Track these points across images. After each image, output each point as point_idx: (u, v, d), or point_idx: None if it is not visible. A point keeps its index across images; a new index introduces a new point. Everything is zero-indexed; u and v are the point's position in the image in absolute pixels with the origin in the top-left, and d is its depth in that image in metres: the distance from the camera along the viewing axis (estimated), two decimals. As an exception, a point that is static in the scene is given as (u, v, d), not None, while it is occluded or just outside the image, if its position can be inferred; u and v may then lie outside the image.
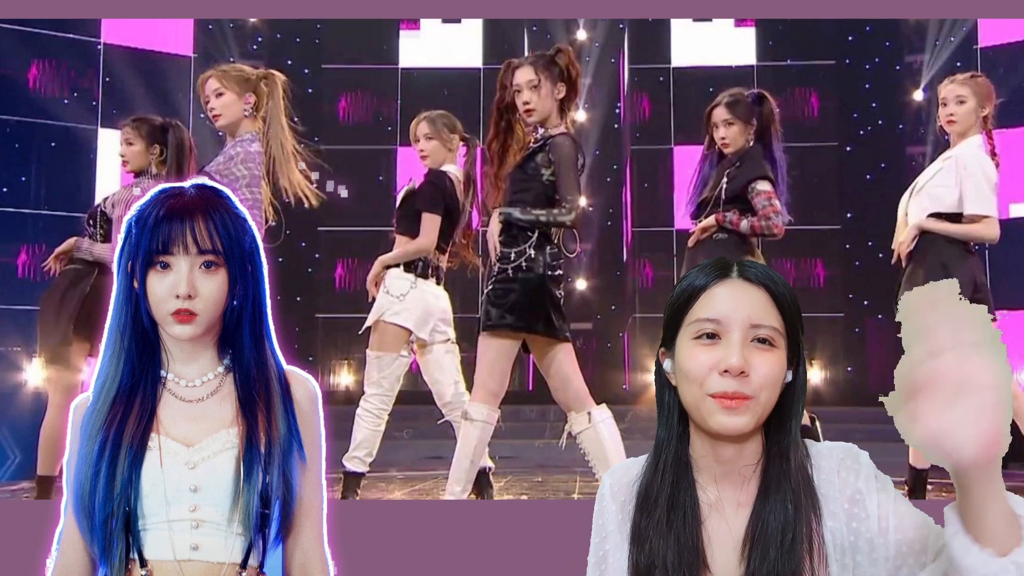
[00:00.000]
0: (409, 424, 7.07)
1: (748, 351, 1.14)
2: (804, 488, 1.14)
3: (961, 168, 3.58)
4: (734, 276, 1.18)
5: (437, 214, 3.89)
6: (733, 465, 1.18)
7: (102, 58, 9.02)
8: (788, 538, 1.12)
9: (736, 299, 1.16)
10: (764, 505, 1.15)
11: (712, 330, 1.15)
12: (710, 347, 1.15)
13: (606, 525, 1.25)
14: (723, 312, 1.15)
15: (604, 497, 1.26)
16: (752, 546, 1.13)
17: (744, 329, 1.14)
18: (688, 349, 1.16)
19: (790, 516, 1.12)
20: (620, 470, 1.28)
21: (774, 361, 1.15)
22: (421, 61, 11.15)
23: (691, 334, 1.17)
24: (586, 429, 3.30)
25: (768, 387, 1.14)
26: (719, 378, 1.13)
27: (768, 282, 1.17)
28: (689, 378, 1.15)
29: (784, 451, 1.17)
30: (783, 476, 1.15)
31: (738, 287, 1.17)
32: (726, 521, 1.17)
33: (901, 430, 0.96)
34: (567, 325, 3.36)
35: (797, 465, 1.16)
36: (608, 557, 1.23)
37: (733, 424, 1.13)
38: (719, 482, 1.19)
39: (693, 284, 1.19)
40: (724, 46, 10.82)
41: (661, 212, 10.60)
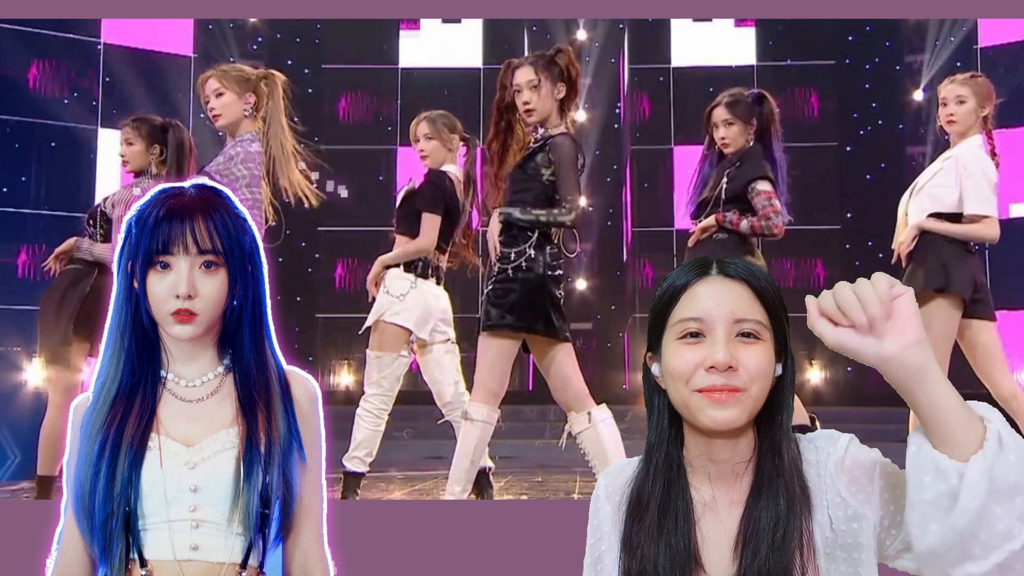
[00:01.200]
0: (409, 424, 7.07)
1: (733, 346, 1.13)
2: (796, 483, 1.14)
3: (961, 168, 3.58)
4: (714, 273, 1.17)
5: (437, 214, 3.89)
6: (727, 463, 1.18)
7: (102, 58, 9.03)
8: (779, 535, 1.11)
9: (718, 296, 1.15)
10: (756, 503, 1.14)
11: (696, 329, 1.14)
12: (695, 345, 1.14)
13: (601, 526, 1.25)
14: (706, 310, 1.14)
15: (599, 498, 1.26)
16: (744, 544, 1.13)
17: (728, 325, 1.13)
18: (673, 349, 1.16)
19: (782, 513, 1.12)
20: (615, 471, 1.28)
21: (761, 353, 1.14)
22: (421, 61, 11.16)
23: (675, 334, 1.16)
24: (586, 429, 3.30)
25: (759, 379, 1.13)
26: (705, 374, 1.12)
27: (749, 277, 1.16)
28: (675, 377, 1.15)
29: (776, 446, 1.16)
30: (775, 472, 1.14)
31: (719, 284, 1.16)
32: (720, 520, 1.17)
33: (822, 332, 1.00)
34: (567, 325, 3.35)
35: (790, 460, 1.15)
36: (604, 558, 1.23)
37: (724, 417, 1.12)
38: (713, 481, 1.18)
39: (674, 284, 1.18)
40: (724, 46, 10.82)
41: (661, 212, 10.61)
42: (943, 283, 3.49)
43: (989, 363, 3.58)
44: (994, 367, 3.57)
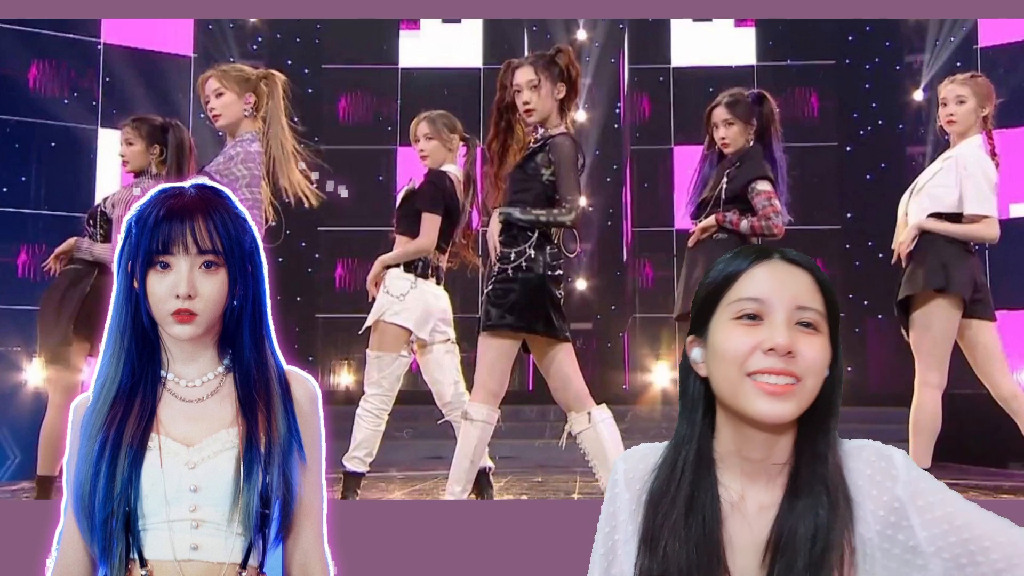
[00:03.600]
0: (409, 424, 7.07)
1: (793, 334, 1.06)
2: (840, 493, 1.06)
3: (961, 168, 3.58)
4: (776, 258, 1.11)
5: (437, 214, 3.89)
6: (762, 463, 1.10)
7: (102, 58, 9.02)
8: (819, 547, 1.04)
9: (780, 279, 1.09)
10: (792, 509, 1.07)
11: (754, 310, 1.08)
12: (752, 327, 1.07)
13: (617, 514, 1.16)
14: (766, 291, 1.08)
15: (617, 483, 1.18)
16: (776, 553, 1.06)
17: (789, 310, 1.07)
18: (729, 330, 1.08)
19: (822, 523, 1.04)
20: (636, 455, 1.19)
21: (820, 346, 1.08)
22: (421, 61, 11.14)
23: (730, 315, 1.09)
24: (586, 429, 3.30)
25: (814, 372, 1.06)
26: (762, 356, 1.06)
27: (812, 266, 1.11)
28: (727, 359, 1.07)
29: (819, 451, 1.08)
30: (816, 478, 1.07)
31: (781, 268, 1.11)
32: (748, 523, 1.09)
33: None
34: (567, 325, 3.35)
35: (834, 466, 1.08)
36: (617, 549, 1.15)
37: (776, 411, 1.05)
38: (743, 480, 1.11)
39: (732, 265, 1.11)
40: (724, 46, 10.81)
41: (661, 212, 10.60)
42: (943, 283, 3.49)
43: (989, 363, 3.58)
44: (994, 367, 3.57)
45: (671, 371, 10.30)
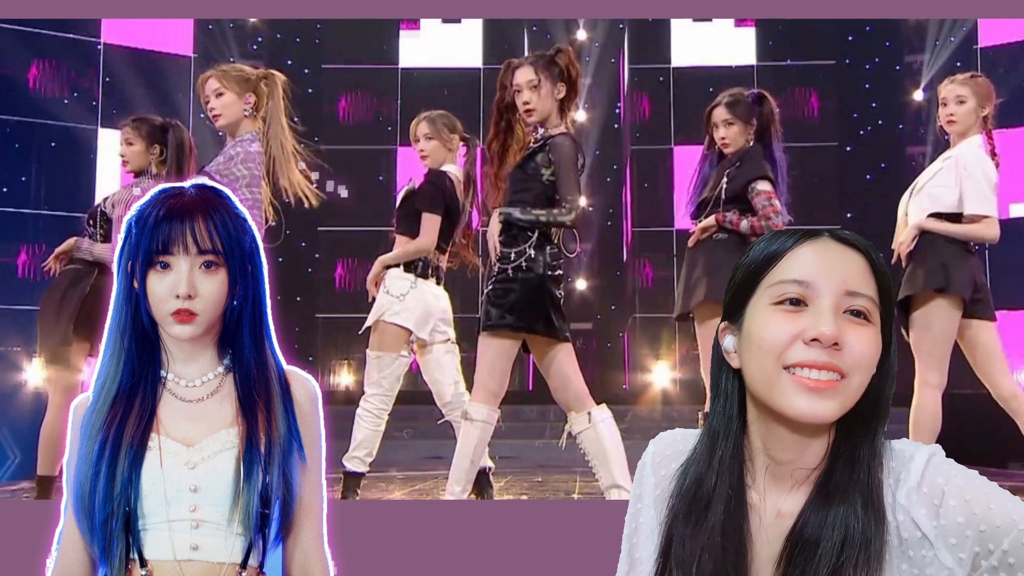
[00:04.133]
0: (409, 424, 7.07)
1: (841, 323, 0.94)
2: (873, 510, 0.94)
3: (961, 168, 3.58)
4: (825, 237, 0.98)
5: (437, 214, 3.89)
6: (788, 466, 0.99)
7: (102, 58, 9.02)
8: (840, 566, 0.92)
9: (829, 261, 0.96)
10: (815, 520, 0.95)
11: (798, 294, 0.95)
12: (793, 314, 0.95)
13: (643, 496, 1.09)
14: (813, 274, 0.95)
15: (645, 465, 1.10)
16: (790, 566, 0.95)
17: (837, 296, 0.94)
18: (766, 315, 0.96)
19: (854, 538, 0.92)
20: (667, 440, 1.11)
21: (871, 338, 0.95)
22: (421, 61, 11.15)
23: (770, 298, 0.97)
24: (586, 429, 3.30)
25: (862, 368, 0.94)
26: (804, 347, 0.93)
27: (867, 247, 0.98)
28: (763, 349, 0.95)
29: (858, 459, 0.96)
30: (851, 489, 0.95)
31: (831, 248, 0.97)
32: (763, 528, 0.99)
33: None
34: (567, 325, 3.35)
35: (873, 482, 0.95)
36: (641, 532, 1.08)
37: (815, 410, 0.93)
38: (767, 482, 1.00)
39: (774, 244, 0.99)
40: (724, 46, 10.82)
41: (661, 212, 10.60)
42: (943, 283, 3.49)
43: (989, 363, 3.58)
44: (994, 367, 3.57)
45: (671, 371, 10.30)
